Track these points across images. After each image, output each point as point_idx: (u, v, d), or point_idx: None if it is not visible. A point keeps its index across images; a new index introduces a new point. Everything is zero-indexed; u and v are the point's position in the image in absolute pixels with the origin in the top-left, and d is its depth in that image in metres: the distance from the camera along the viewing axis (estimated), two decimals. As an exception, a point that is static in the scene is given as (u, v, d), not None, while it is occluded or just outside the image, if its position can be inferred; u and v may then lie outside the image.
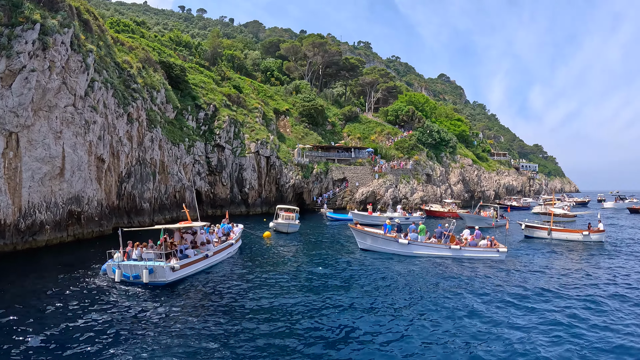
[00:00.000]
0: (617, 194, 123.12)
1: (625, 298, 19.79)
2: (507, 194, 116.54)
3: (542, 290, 20.85)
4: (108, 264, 21.34)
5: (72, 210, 32.45)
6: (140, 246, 22.39)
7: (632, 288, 21.70)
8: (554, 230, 40.64)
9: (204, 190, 58.94)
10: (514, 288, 21.19)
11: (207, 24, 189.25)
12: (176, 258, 21.74)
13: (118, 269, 20.66)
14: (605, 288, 21.57)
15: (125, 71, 43.40)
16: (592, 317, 17.02)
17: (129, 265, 20.71)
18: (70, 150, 31.61)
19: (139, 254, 21.80)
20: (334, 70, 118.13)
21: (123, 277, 20.59)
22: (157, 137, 46.52)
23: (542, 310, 17.72)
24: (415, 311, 17.43)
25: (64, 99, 31.00)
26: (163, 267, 20.42)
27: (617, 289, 21.50)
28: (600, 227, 38.65)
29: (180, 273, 21.52)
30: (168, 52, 73.28)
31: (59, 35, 30.28)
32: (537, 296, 19.80)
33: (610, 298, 19.71)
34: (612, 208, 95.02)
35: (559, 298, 19.52)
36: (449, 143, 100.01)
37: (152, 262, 20.89)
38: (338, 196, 75.58)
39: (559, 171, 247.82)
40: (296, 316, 16.45)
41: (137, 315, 16.21)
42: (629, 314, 17.44)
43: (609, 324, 16.29)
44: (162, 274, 20.46)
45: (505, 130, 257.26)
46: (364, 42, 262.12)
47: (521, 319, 16.55)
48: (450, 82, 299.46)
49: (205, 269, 24.36)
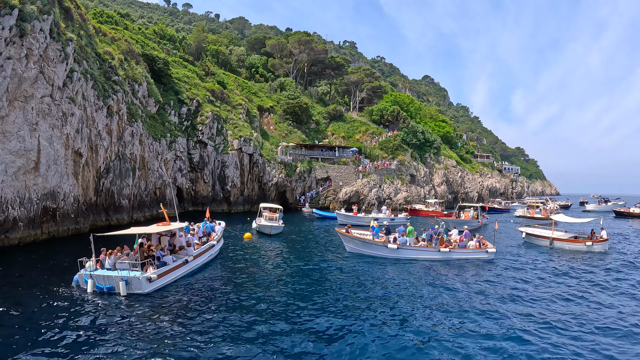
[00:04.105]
0: (600, 197, 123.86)
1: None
2: (490, 196, 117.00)
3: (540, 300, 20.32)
4: (80, 274, 19.57)
5: (47, 207, 31.12)
6: (114, 253, 20.71)
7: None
8: (556, 240, 38.03)
9: (185, 187, 57.78)
10: (506, 290, 20.67)
11: (193, 18, 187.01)
12: (153, 266, 20.13)
13: (90, 279, 18.98)
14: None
15: (107, 62, 42.09)
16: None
17: (102, 275, 19.05)
18: (46, 143, 30.32)
19: (112, 262, 20.10)
20: (319, 68, 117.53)
21: (96, 288, 18.94)
22: (137, 132, 45.27)
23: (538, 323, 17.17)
24: (402, 316, 16.80)
25: (40, 89, 29.72)
26: (139, 278, 18.86)
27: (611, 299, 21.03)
28: (603, 236, 36.38)
29: (158, 283, 19.83)
30: (152, 45, 71.79)
31: (37, 22, 29.01)
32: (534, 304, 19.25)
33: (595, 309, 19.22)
34: (594, 211, 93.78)
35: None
36: (433, 144, 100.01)
37: (127, 272, 19.24)
38: (321, 195, 74.90)
39: (540, 174, 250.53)
40: (279, 325, 15.60)
41: (108, 329, 14.74)
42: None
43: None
44: (138, 285, 18.88)
45: (488, 133, 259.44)
46: (349, 42, 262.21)
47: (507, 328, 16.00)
48: (434, 84, 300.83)
49: (185, 275, 22.64)
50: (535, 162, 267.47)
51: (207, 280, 21.90)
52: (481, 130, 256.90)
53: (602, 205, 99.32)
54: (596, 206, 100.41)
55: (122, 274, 18.97)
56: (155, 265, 20.47)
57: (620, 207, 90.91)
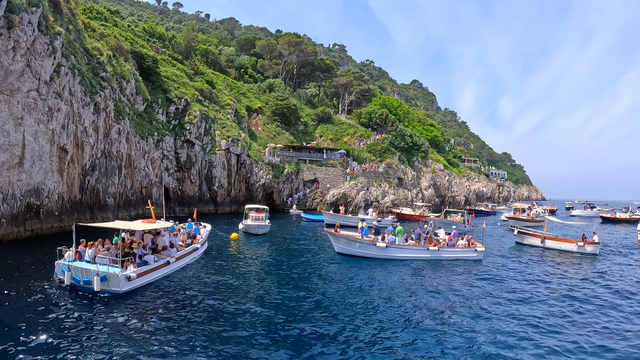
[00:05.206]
0: (586, 202, 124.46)
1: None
2: (477, 200, 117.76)
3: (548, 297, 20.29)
4: (58, 263, 19.33)
5: (31, 203, 30.55)
6: (95, 245, 20.31)
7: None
8: (547, 238, 39.21)
9: (172, 187, 57.21)
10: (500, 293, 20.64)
11: (183, 17, 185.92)
12: (134, 265, 19.61)
13: (68, 270, 18.60)
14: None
15: (95, 58, 41.56)
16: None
17: (81, 268, 18.64)
18: (31, 138, 29.78)
19: (92, 255, 19.69)
20: (308, 70, 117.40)
21: (73, 280, 18.51)
22: (124, 129, 44.75)
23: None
24: (391, 318, 16.69)
25: (27, 82, 29.19)
26: (118, 275, 18.28)
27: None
28: (595, 239, 37.20)
29: (137, 282, 19.27)
30: (141, 42, 71.17)
31: (26, 14, 28.52)
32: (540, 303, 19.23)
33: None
34: (580, 216, 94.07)
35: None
36: (421, 147, 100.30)
37: (106, 267, 18.73)
38: (308, 197, 74.71)
39: (527, 179, 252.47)
40: (261, 329, 15.22)
41: (80, 329, 14.32)
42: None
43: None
44: (116, 282, 18.27)
45: (475, 138, 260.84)
46: (339, 45, 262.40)
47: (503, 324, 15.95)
48: (422, 89, 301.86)
49: (165, 275, 22.09)
50: (522, 168, 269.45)
51: (186, 282, 21.24)
52: (468, 135, 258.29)
53: (587, 211, 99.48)
54: (582, 211, 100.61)
55: (100, 268, 18.50)
56: (136, 263, 19.99)
57: (607, 212, 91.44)
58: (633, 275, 27.60)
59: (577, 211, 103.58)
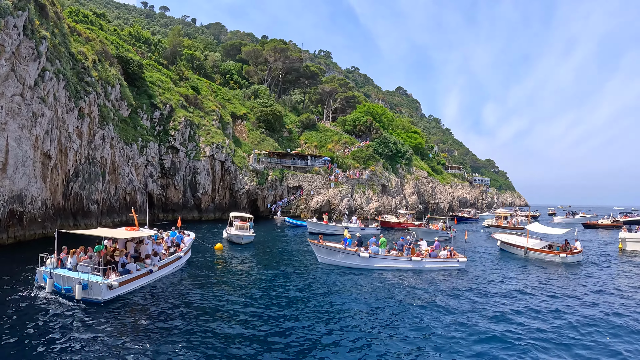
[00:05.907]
0: (569, 208, 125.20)
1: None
2: (461, 206, 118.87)
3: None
4: (39, 270, 19.29)
5: (14, 210, 30.32)
6: (77, 252, 20.22)
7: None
8: (530, 249, 38.86)
9: (156, 194, 56.97)
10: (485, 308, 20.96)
11: (169, 22, 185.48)
12: (116, 273, 19.52)
13: (50, 277, 18.57)
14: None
15: (80, 63, 41.38)
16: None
17: (62, 275, 18.60)
18: (15, 143, 29.61)
19: (74, 262, 19.60)
20: (293, 77, 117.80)
21: (54, 287, 18.54)
22: (108, 135, 44.56)
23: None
24: (378, 328, 16.89)
25: (11, 87, 29.07)
26: (99, 283, 18.12)
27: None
28: (578, 247, 37.34)
29: (118, 291, 19.18)
30: (126, 47, 70.95)
31: (11, 17, 28.48)
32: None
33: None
34: (562, 223, 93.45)
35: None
36: (405, 155, 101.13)
37: (88, 275, 18.65)
38: (293, 204, 74.85)
39: (510, 185, 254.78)
40: (242, 340, 15.27)
41: (59, 337, 14.24)
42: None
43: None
44: (97, 291, 18.13)
45: (459, 144, 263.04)
46: (324, 51, 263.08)
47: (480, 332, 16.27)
48: (407, 96, 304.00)
49: (147, 284, 21.99)
50: (505, 174, 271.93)
51: (169, 291, 21.03)
52: (452, 142, 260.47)
53: (569, 218, 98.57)
54: (564, 218, 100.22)
55: (82, 276, 18.41)
56: (118, 272, 19.91)
57: (589, 219, 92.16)
58: (618, 284, 28.10)
59: (559, 218, 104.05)
